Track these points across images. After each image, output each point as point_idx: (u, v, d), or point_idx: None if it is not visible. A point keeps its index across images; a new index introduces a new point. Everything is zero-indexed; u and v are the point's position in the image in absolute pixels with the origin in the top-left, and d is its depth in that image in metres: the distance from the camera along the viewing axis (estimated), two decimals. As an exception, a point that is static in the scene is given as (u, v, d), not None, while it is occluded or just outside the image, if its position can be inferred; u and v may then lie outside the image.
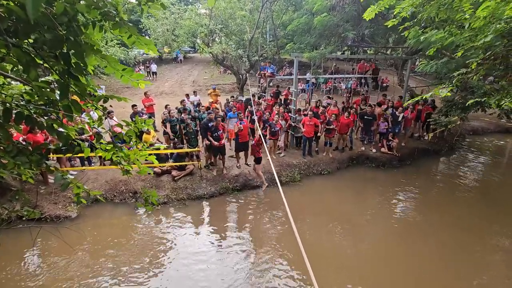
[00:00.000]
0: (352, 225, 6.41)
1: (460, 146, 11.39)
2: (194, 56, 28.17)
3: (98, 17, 1.67)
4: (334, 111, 9.63)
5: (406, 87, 11.43)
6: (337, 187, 8.31)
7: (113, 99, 2.01)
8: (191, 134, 7.73)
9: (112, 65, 1.80)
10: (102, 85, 16.07)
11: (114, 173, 7.52)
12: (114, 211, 6.80)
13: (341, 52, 11.99)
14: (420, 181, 8.63)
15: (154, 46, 1.94)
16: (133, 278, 4.87)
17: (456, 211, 7.03)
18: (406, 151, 9.88)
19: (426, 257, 5.42)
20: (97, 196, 2.48)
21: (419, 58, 12.18)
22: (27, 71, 1.47)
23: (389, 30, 8.98)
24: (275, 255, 5.44)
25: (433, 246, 5.77)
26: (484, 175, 9.30)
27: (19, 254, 5.33)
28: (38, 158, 1.93)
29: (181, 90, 18.85)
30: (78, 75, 1.62)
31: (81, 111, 1.81)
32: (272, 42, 12.61)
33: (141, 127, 2.26)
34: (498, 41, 4.47)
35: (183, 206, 7.04)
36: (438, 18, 5.38)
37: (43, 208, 6.31)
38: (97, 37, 1.78)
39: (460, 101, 7.81)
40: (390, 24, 5.37)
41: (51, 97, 1.71)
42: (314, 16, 9.42)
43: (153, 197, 2.72)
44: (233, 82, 18.70)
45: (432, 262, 5.29)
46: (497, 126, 13.71)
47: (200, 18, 12.24)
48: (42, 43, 1.46)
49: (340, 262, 5.37)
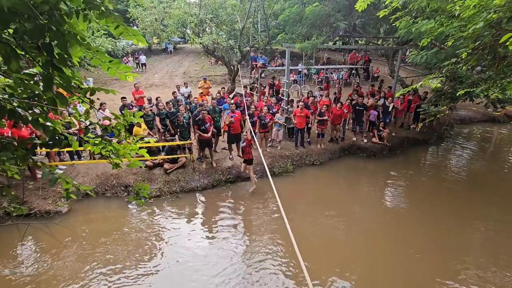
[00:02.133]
0: (343, 214, 6.53)
1: (448, 135, 11.64)
2: (184, 47, 27.60)
3: (81, 5, 1.60)
4: (326, 102, 9.65)
5: (397, 77, 11.53)
6: (329, 177, 8.42)
7: (100, 92, 1.95)
8: (181, 126, 7.64)
9: (99, 57, 1.74)
10: (89, 77, 15.67)
11: (104, 167, 7.41)
12: (106, 205, 6.74)
13: (333, 43, 11.95)
14: (410, 170, 8.82)
15: (143, 37, 1.88)
16: (126, 273, 4.84)
17: (445, 198, 7.23)
18: (396, 140, 10.04)
19: (417, 245, 5.58)
20: (87, 191, 2.44)
21: (410, 49, 12.27)
22: (7, 63, 1.41)
23: (381, 20, 8.96)
24: (268, 247, 5.51)
25: (422, 233, 5.94)
26: (471, 163, 9.57)
27: (8, 252, 5.24)
28: (23, 153, 1.87)
29: (172, 81, 18.52)
30: (62, 66, 1.57)
31: (67, 104, 1.75)
32: (264, 32, 12.45)
33: (130, 120, 2.21)
34: (487, 31, 4.52)
35: (176, 199, 7.02)
36: (429, 8, 5.39)
37: (32, 203, 6.19)
38: (82, 27, 1.71)
39: (449, 91, 7.94)
40: (381, 14, 5.36)
41: (35, 90, 1.65)
42: (306, 5, 9.31)
43: (144, 191, 2.70)
44: (224, 73, 18.47)
45: (422, 249, 5.45)
46: (484, 115, 14.03)
47: (190, 7, 11.93)
48: (22, 33, 1.39)
49: (332, 251, 5.48)
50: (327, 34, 9.88)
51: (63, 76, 1.60)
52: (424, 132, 10.73)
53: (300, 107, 8.50)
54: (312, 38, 9.45)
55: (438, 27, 5.39)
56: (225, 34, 12.35)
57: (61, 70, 1.56)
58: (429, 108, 8.30)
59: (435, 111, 8.06)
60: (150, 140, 2.84)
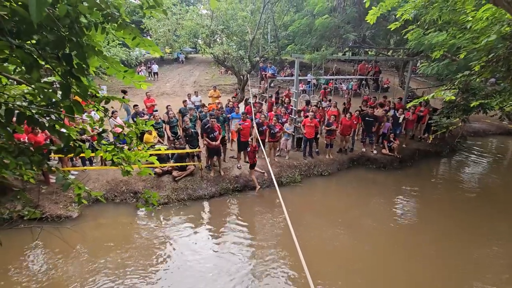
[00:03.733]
0: (352, 227, 6.40)
1: (461, 148, 11.36)
2: (195, 57, 28.19)
3: (100, 18, 1.67)
4: (334, 112, 9.62)
5: (407, 88, 11.42)
6: (337, 188, 8.30)
7: (114, 100, 2.01)
8: (191, 136, 7.73)
9: (114, 67, 1.80)
10: (103, 86, 16.10)
11: (115, 173, 7.53)
12: (115, 211, 6.81)
13: (342, 53, 11.98)
14: (421, 182, 8.61)
15: (158, 47, 1.95)
16: (133, 279, 4.86)
17: (458, 213, 7.01)
18: (407, 152, 9.86)
19: (427, 260, 5.40)
20: (98, 197, 2.48)
21: (421, 60, 12.18)
22: (29, 72, 1.48)
23: (390, 32, 8.97)
24: (275, 257, 5.43)
25: (434, 248, 5.75)
26: (485, 177, 9.28)
27: (20, 254, 5.34)
28: (39, 158, 1.93)
29: (183, 90, 18.86)
30: (80, 76, 1.63)
31: (82, 112, 1.81)
32: (273, 43, 12.61)
33: (142, 128, 2.26)
34: (501, 43, 4.47)
35: (184, 206, 7.04)
36: (440, 20, 5.38)
37: (44, 208, 6.32)
38: (99, 39, 1.78)
39: (461, 103, 7.79)
40: (392, 27, 5.37)
41: (53, 98, 1.71)
42: (315, 17, 9.43)
43: (153, 198, 2.72)
44: (234, 82, 18.71)
45: (433, 265, 5.27)
46: (499, 128, 13.67)
47: (202, 19, 12.23)
48: (44, 44, 1.46)
49: (340, 263, 5.35)
50: (337, 45, 9.94)
51: (80, 85, 1.66)
52: (436, 144, 10.51)
53: (310, 117, 8.50)
54: (322, 49, 9.52)
55: (450, 39, 5.36)
56: (236, 44, 12.56)
57: (79, 79, 1.62)
58: (441, 120, 8.15)
59: (447, 123, 7.91)
60: (161, 148, 2.88)
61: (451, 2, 4.82)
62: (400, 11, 5.24)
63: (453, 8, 4.87)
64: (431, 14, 5.26)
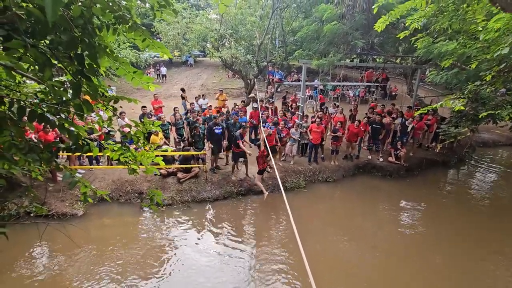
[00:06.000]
0: (356, 234, 6.31)
1: (470, 158, 11.16)
2: (203, 60, 28.47)
3: (112, 20, 1.71)
4: (340, 119, 9.57)
5: (415, 96, 11.32)
6: (342, 195, 8.22)
7: (123, 100, 2.04)
8: (197, 137, 7.77)
9: (124, 67, 1.84)
10: (112, 86, 16.37)
11: (121, 173, 7.60)
12: (120, 211, 6.86)
13: (350, 60, 11.95)
14: (427, 192, 8.47)
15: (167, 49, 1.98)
16: (136, 279, 4.88)
17: (464, 224, 6.86)
18: (414, 161, 9.73)
19: (432, 270, 5.29)
20: (104, 195, 2.51)
21: (429, 68, 12.07)
22: (42, 71, 1.51)
23: (399, 39, 8.94)
24: (278, 262, 5.39)
25: (439, 258, 5.63)
26: (494, 188, 9.08)
27: (26, 250, 5.41)
28: (48, 156, 1.96)
29: (190, 93, 18.97)
30: (91, 75, 1.66)
31: (92, 111, 1.84)
32: (281, 48, 12.67)
33: (149, 128, 2.29)
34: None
35: (188, 208, 7.05)
36: (450, 29, 5.34)
37: (51, 205, 6.41)
38: (110, 40, 1.82)
39: (470, 113, 7.67)
40: (401, 36, 5.35)
41: (64, 97, 1.75)
42: (324, 24, 9.44)
43: (158, 197, 2.74)
44: (241, 86, 18.81)
45: (438, 275, 5.15)
46: (509, 139, 13.40)
47: (211, 23, 12.39)
48: (57, 44, 1.50)
49: (344, 271, 5.28)
50: (345, 51, 9.92)
51: (90, 84, 1.69)
52: (444, 153, 10.35)
53: (317, 123, 8.47)
54: (329, 55, 9.52)
55: (460, 48, 5.31)
56: (244, 49, 12.66)
57: (90, 79, 1.66)
58: (449, 129, 8.03)
59: (455, 133, 7.79)
60: (168, 149, 2.90)
61: (462, 12, 4.78)
62: (409, 19, 5.22)
63: (464, 18, 4.83)
64: (441, 23, 5.23)
